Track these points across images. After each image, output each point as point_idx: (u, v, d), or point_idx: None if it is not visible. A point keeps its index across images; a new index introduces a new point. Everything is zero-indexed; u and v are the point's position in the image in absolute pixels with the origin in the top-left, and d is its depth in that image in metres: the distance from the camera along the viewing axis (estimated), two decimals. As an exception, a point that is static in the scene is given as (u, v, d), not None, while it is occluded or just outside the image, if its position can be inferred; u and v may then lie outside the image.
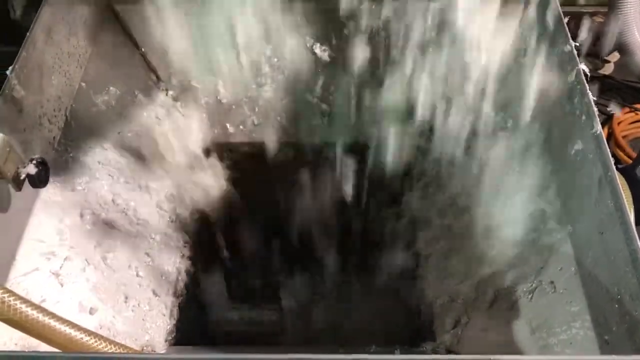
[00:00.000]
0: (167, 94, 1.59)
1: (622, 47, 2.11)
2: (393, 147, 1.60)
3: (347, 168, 1.63)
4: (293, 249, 1.71)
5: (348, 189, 1.64)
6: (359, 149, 1.64)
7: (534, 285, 1.12)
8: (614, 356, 0.76)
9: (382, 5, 1.44)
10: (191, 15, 1.48)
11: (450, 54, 1.47)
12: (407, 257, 1.56)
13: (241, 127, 1.65)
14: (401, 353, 1.23)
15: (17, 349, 0.99)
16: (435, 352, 1.25)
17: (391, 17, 1.46)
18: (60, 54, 1.25)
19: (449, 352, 1.23)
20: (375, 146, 1.62)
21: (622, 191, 0.93)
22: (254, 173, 1.70)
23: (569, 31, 1.17)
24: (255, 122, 1.64)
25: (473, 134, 1.44)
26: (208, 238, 1.65)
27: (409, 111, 1.54)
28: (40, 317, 0.88)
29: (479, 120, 1.42)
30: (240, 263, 1.73)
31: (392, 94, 1.53)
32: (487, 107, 1.42)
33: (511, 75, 1.35)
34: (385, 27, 1.48)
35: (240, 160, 1.68)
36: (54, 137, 1.23)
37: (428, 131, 1.57)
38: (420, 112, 1.50)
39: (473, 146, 1.43)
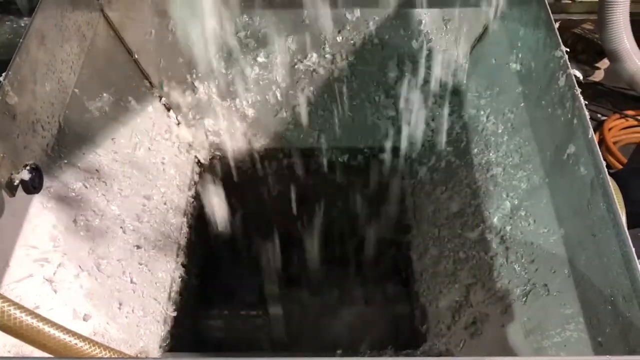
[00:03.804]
0: (160, 101, 1.59)
1: (611, 54, 2.13)
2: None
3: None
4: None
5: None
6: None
7: (527, 288, 1.12)
8: (607, 356, 0.76)
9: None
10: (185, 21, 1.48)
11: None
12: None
13: (236, 132, 1.66)
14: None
15: (10, 356, 0.99)
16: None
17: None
18: (53, 60, 1.25)
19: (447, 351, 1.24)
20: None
21: (614, 193, 0.94)
22: (249, 179, 1.70)
23: (560, 37, 1.19)
24: (249, 128, 1.65)
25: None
26: (203, 244, 1.65)
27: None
28: (35, 323, 0.87)
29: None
30: (236, 269, 1.73)
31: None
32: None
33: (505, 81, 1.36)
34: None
35: (235, 165, 1.68)
36: (47, 144, 1.23)
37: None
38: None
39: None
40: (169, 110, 1.61)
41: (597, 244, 0.97)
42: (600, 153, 1.00)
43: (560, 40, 1.17)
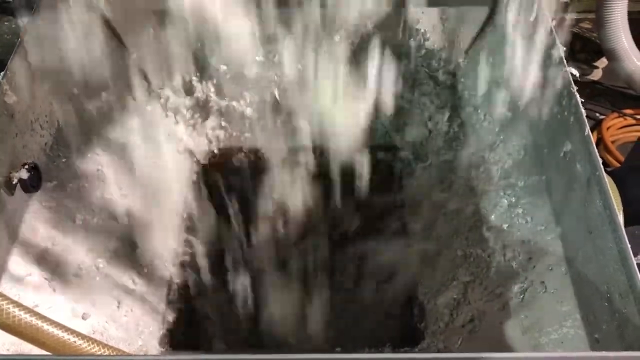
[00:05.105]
0: (159, 100, 1.59)
1: (609, 53, 2.13)
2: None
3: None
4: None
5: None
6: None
7: (525, 285, 1.13)
8: (604, 352, 0.76)
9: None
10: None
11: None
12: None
13: (233, 132, 1.66)
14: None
15: (9, 354, 0.99)
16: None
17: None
18: (51, 59, 1.25)
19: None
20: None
21: (610, 190, 0.94)
22: (247, 178, 1.70)
23: (557, 36, 1.19)
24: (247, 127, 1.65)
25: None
26: (202, 241, 1.65)
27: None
28: (34, 321, 0.87)
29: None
30: (233, 267, 1.73)
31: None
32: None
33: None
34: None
35: (232, 165, 1.68)
36: (46, 143, 1.23)
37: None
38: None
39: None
40: (167, 109, 1.61)
41: (594, 241, 0.97)
42: (596, 150, 1.00)
43: (557, 38, 1.18)
